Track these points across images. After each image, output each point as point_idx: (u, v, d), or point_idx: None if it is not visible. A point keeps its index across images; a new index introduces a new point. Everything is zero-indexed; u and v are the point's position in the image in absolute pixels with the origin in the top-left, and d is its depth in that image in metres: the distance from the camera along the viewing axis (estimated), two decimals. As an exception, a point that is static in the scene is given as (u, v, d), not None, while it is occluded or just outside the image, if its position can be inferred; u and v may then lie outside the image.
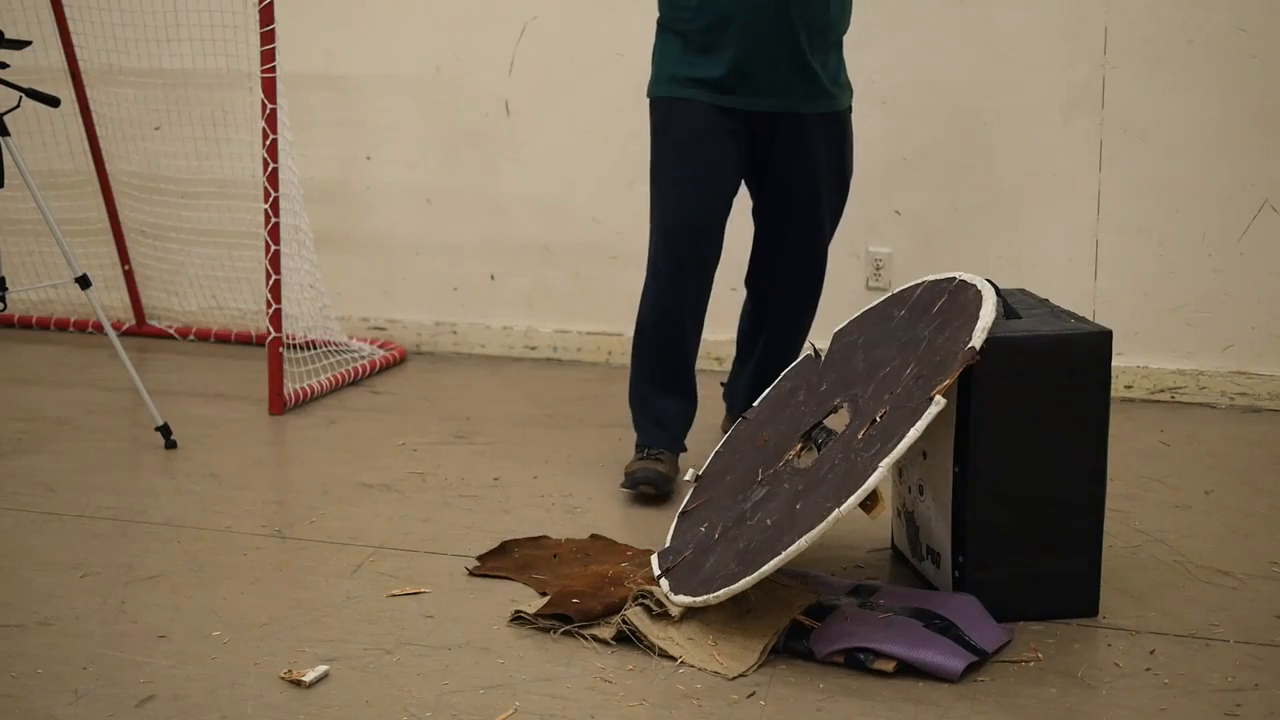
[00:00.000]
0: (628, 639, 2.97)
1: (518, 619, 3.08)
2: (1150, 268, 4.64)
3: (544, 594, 3.18)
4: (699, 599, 2.95)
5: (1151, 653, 2.94)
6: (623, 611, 3.01)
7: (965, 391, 3.00)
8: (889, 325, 3.32)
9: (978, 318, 2.99)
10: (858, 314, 3.50)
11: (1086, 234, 4.68)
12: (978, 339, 2.93)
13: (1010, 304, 3.15)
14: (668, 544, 3.29)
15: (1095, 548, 3.09)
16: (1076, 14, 4.59)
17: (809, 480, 3.06)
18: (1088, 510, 3.07)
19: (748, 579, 2.87)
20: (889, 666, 2.83)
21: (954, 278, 3.23)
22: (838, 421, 3.26)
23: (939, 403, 2.85)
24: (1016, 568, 3.05)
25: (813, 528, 2.84)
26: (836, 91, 3.77)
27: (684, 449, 3.91)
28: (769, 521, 3.03)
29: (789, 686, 2.80)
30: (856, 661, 2.85)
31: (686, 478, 3.52)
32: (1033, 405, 3.01)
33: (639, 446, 3.87)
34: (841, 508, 2.83)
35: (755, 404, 3.61)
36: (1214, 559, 3.39)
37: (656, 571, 3.15)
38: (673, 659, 2.90)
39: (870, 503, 2.88)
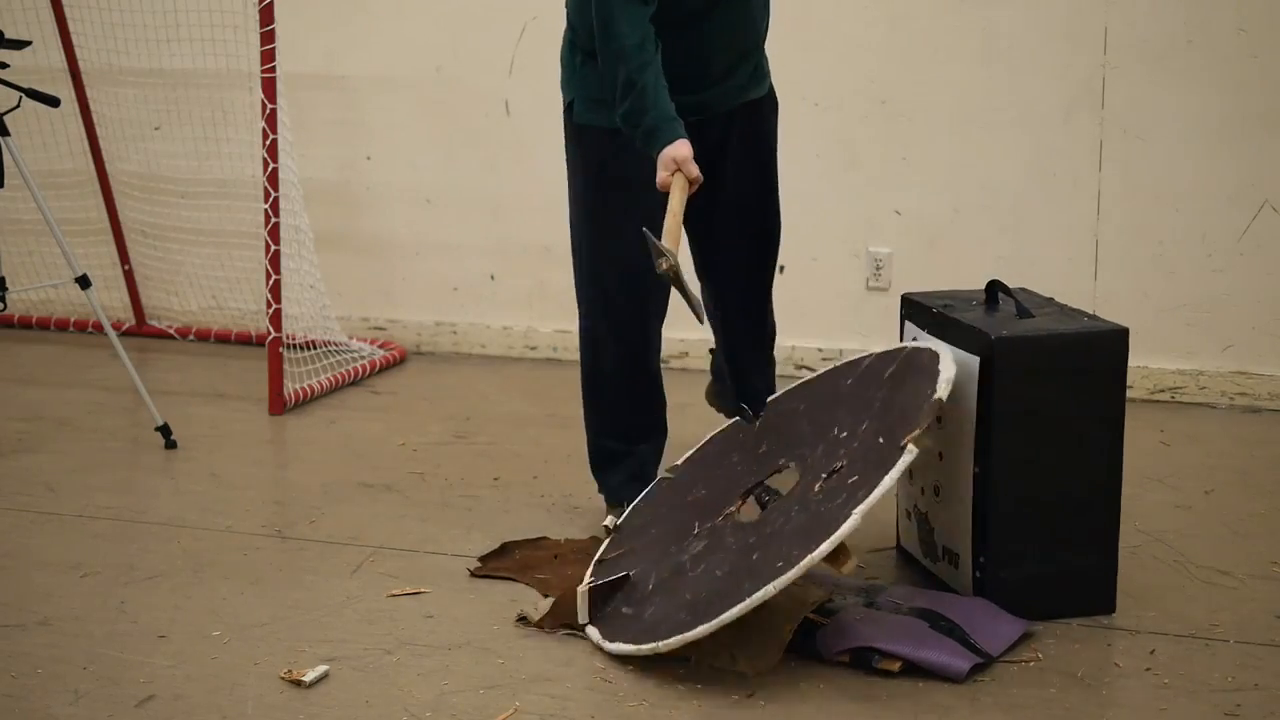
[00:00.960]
0: None
1: (523, 622, 3.07)
2: (1150, 268, 4.64)
3: (547, 595, 3.18)
4: (644, 647, 2.86)
5: (1151, 653, 2.94)
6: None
7: (986, 391, 3.01)
8: (836, 393, 3.27)
9: (937, 373, 2.99)
10: (796, 384, 3.44)
11: (1086, 234, 4.68)
12: (943, 389, 2.93)
13: (1021, 303, 3.16)
14: (586, 581, 3.18)
15: (1112, 544, 3.10)
16: (1076, 14, 4.59)
17: (760, 534, 3.00)
18: (1105, 507, 3.08)
19: (706, 625, 2.79)
20: (894, 666, 2.83)
21: (904, 347, 3.23)
22: (784, 482, 3.20)
23: (911, 451, 2.84)
24: (1038, 566, 3.06)
25: (780, 574, 2.76)
26: (766, 74, 3.55)
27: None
28: (719, 573, 2.95)
29: (789, 687, 2.80)
30: (862, 661, 2.85)
31: (606, 523, 3.43)
32: (1052, 403, 3.02)
33: (623, 499, 3.53)
34: (815, 553, 2.75)
35: (679, 463, 3.48)
36: (1214, 559, 3.39)
37: (583, 618, 3.05)
38: (687, 659, 2.88)
39: (842, 555, 2.82)
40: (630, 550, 3.26)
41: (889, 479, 2.81)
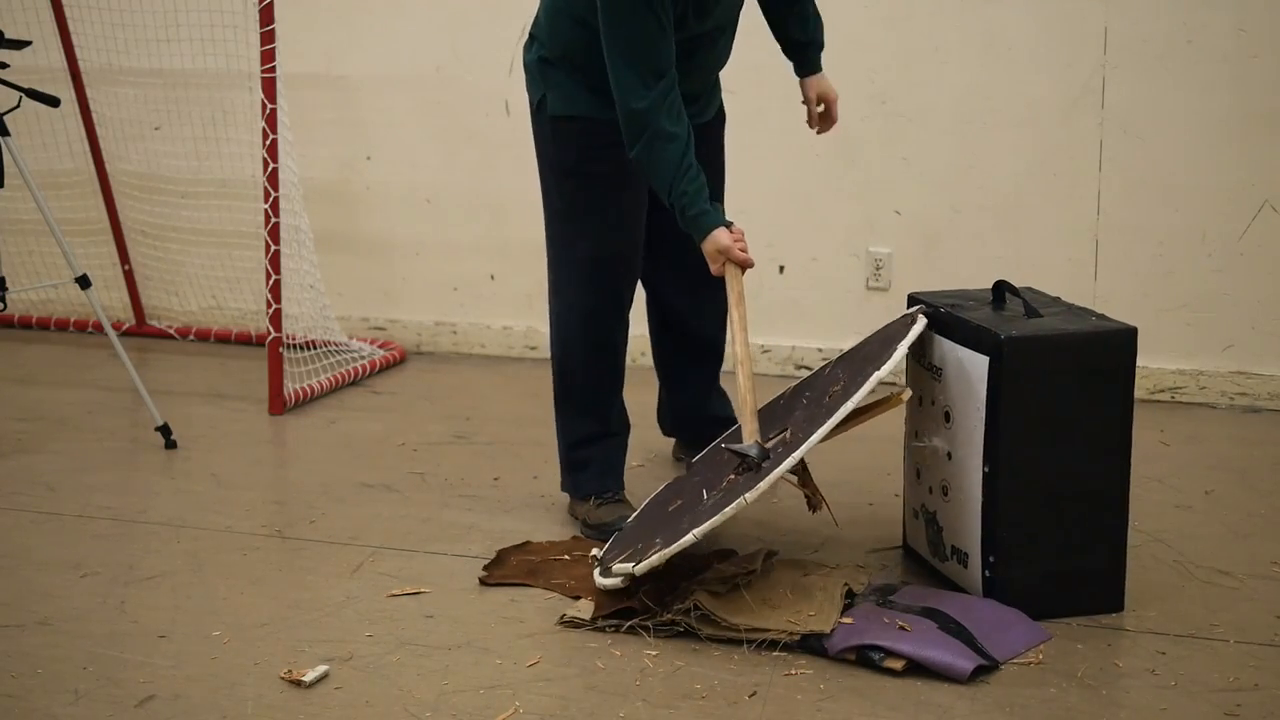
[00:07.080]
0: (697, 624, 2.99)
1: (571, 625, 3.06)
2: (1150, 268, 4.64)
3: (576, 597, 3.17)
4: (638, 564, 3.01)
5: (1151, 653, 2.94)
6: (692, 597, 3.01)
7: (995, 392, 3.01)
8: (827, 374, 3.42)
9: (905, 335, 3.14)
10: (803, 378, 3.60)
11: (1086, 234, 4.68)
12: (915, 329, 3.13)
13: (1029, 302, 3.16)
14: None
15: (1120, 543, 3.11)
16: (1076, 14, 4.59)
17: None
18: (1114, 506, 3.08)
19: (699, 528, 2.96)
20: (898, 665, 2.83)
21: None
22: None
23: (922, 321, 3.09)
24: (1047, 565, 3.06)
25: (756, 485, 2.92)
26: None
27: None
28: (709, 501, 3.12)
29: (789, 686, 2.80)
30: (867, 659, 2.85)
31: (594, 553, 3.38)
32: (1061, 403, 3.02)
33: (592, 493, 3.60)
34: (812, 438, 2.95)
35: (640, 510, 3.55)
36: (1214, 559, 3.39)
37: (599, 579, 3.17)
38: (761, 630, 2.93)
39: (888, 400, 3.03)
40: (626, 538, 3.37)
41: (880, 372, 3.00)
